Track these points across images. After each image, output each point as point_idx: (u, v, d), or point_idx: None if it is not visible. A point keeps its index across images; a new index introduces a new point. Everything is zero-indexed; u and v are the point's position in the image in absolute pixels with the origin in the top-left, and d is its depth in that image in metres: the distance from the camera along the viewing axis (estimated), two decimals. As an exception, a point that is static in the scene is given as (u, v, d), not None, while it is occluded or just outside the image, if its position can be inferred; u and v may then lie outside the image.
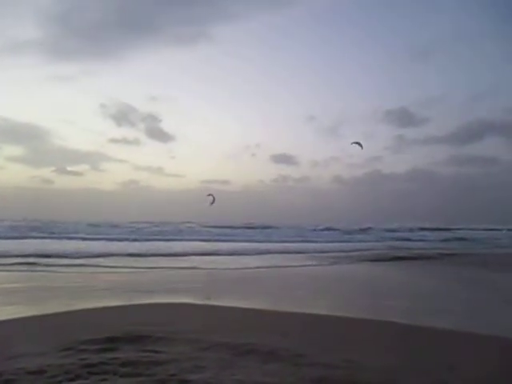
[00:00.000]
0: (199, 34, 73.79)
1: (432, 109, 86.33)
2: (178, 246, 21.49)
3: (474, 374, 3.95)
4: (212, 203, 16.05)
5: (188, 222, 53.51)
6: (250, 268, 14.17)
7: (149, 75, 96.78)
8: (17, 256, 14.94)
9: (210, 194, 16.44)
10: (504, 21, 66.93)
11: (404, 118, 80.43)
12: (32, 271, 12.06)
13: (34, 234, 26.90)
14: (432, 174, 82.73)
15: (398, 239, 34.30)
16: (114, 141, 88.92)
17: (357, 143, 15.43)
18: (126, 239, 25.55)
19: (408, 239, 34.91)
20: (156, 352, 4.23)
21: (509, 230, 52.87)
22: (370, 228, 51.39)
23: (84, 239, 24.86)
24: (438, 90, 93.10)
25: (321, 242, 29.35)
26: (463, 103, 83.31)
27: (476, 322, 6.71)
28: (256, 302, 8.06)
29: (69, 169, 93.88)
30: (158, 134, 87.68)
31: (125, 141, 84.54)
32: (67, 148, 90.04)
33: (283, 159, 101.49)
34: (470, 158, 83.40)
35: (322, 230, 47.77)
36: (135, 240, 25.34)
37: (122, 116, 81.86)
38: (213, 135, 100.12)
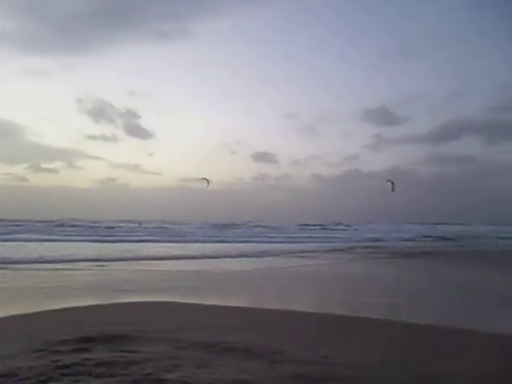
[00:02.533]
0: (178, 29, 73.33)
1: (410, 108, 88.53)
2: (154, 249, 21.13)
3: (450, 368, 4.04)
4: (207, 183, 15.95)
5: (166, 221, 53.05)
6: (229, 268, 14.17)
7: (127, 70, 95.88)
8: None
9: (204, 178, 16.42)
10: (480, 21, 69.23)
11: (383, 116, 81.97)
12: (1, 271, 11.70)
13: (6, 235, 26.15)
14: (410, 173, 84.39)
15: (375, 238, 34.92)
16: (90, 137, 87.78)
17: (390, 182, 14.98)
18: (102, 240, 25.07)
19: (386, 237, 35.61)
20: (131, 352, 4.16)
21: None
22: (349, 226, 52.24)
23: (56, 241, 24.26)
24: (417, 90, 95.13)
25: (299, 241, 29.58)
26: (441, 102, 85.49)
27: (454, 317, 6.88)
28: (234, 300, 8.05)
29: (43, 166, 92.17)
30: (137, 131, 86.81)
31: (102, 137, 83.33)
32: (42, 144, 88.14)
33: (263, 157, 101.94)
34: (447, 156, 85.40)
35: (301, 227, 48.25)
36: (111, 241, 24.82)
37: (100, 112, 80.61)
38: (192, 132, 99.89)
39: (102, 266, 13.26)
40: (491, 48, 78.56)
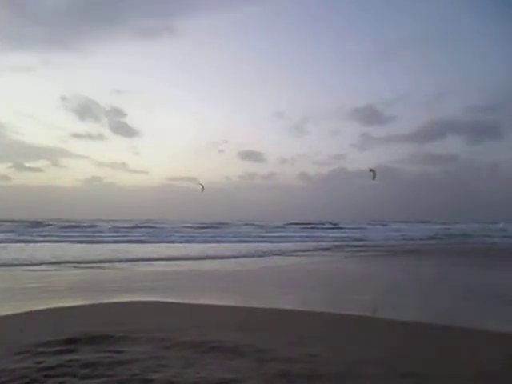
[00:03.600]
0: (164, 26, 72.86)
1: (397, 107, 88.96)
2: (141, 249, 20.77)
3: (435, 366, 4.10)
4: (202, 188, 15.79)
5: (153, 221, 52.64)
6: (216, 268, 14.14)
7: (113, 68, 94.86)
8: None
9: (199, 184, 16.21)
10: (467, 21, 70.34)
11: (370, 115, 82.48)
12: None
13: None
14: (396, 172, 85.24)
15: (362, 236, 35.22)
16: (76, 136, 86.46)
17: (372, 171, 14.97)
18: (87, 241, 24.62)
19: (372, 235, 35.97)
20: (117, 352, 4.13)
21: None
22: (336, 224, 52.66)
23: (40, 241, 23.77)
24: (403, 89, 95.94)
25: (287, 240, 29.60)
26: (427, 102, 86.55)
27: (436, 313, 7.00)
28: (221, 299, 8.04)
29: (27, 165, 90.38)
30: (123, 129, 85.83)
31: (88, 136, 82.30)
32: (25, 143, 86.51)
33: (250, 156, 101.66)
34: (431, 156, 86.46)
35: (288, 226, 48.49)
36: (96, 242, 24.28)
37: (85, 110, 79.32)
38: (179, 131, 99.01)
39: (87, 266, 13.10)
40: (476, 50, 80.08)
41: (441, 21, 78.15)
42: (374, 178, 14.58)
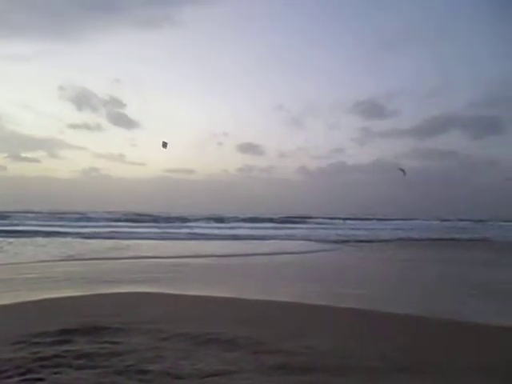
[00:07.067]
0: (163, 16, 72.21)
1: (398, 102, 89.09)
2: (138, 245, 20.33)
3: (431, 357, 4.12)
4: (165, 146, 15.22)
5: (150, 213, 52.43)
6: (211, 259, 14.14)
7: (112, 57, 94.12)
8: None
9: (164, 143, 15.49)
10: (469, 17, 70.18)
11: (371, 109, 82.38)
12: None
13: None
14: (395, 166, 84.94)
15: (359, 232, 35.29)
16: (73, 126, 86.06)
17: (401, 170, 15.54)
18: (85, 236, 23.99)
19: (368, 231, 36.06)
20: (113, 343, 4.12)
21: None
22: (332, 219, 52.83)
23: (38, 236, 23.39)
24: (404, 83, 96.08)
25: (285, 238, 29.40)
26: (428, 97, 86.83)
27: (430, 307, 7.02)
28: (217, 290, 8.03)
29: (23, 155, 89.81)
30: (121, 120, 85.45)
31: (85, 126, 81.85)
32: (21, 133, 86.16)
33: (249, 148, 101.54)
34: (431, 151, 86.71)
35: (285, 220, 48.64)
36: (95, 238, 23.55)
37: (83, 100, 78.95)
38: (178, 122, 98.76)
39: (84, 260, 13.08)
40: (478, 45, 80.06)
41: (443, 15, 78.14)
42: (404, 174, 15.37)
